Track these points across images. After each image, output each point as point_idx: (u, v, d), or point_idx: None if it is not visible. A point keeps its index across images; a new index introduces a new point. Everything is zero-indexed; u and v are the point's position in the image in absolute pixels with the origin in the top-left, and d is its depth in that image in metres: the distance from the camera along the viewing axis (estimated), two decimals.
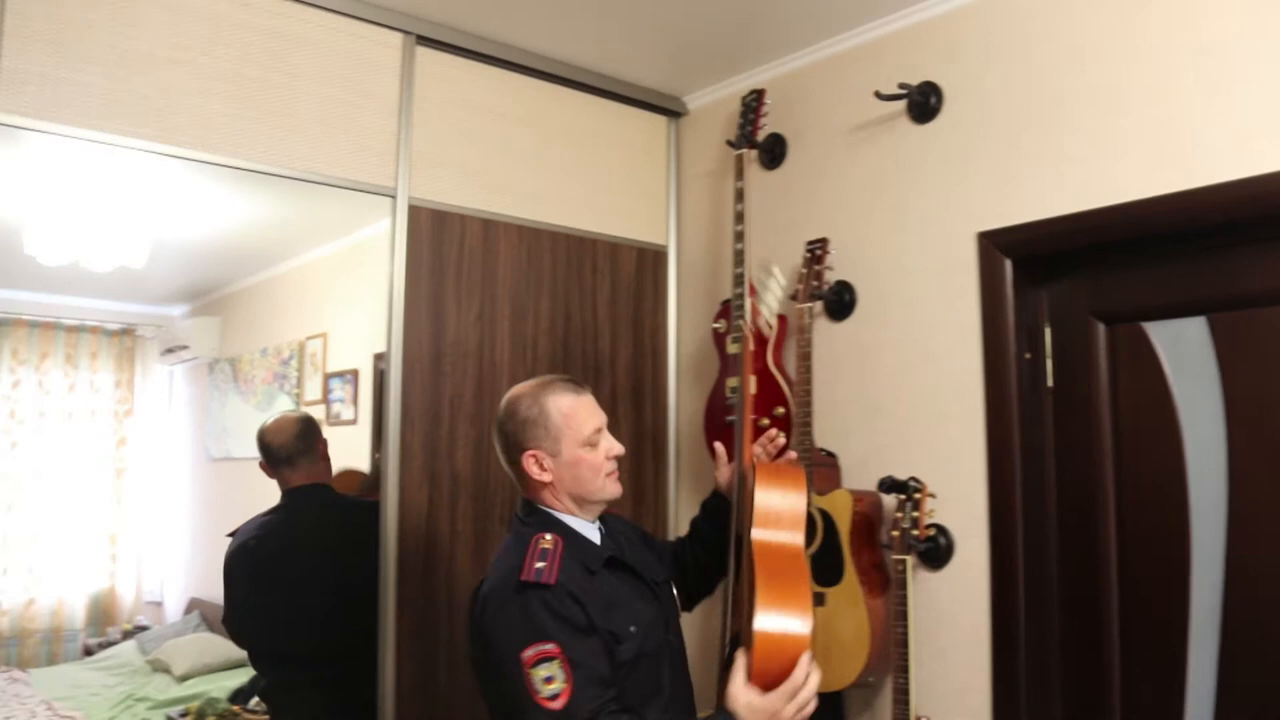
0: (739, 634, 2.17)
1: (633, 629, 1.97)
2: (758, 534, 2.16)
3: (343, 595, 3.01)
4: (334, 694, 2.99)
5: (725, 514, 2.44)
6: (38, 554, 5.62)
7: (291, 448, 3.07)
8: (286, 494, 3.09)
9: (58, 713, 4.54)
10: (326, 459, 3.19)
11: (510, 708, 1.90)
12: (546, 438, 2.04)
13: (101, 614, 5.74)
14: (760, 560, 2.09)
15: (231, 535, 3.10)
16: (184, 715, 4.23)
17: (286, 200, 3.49)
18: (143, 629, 4.77)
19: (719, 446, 2.55)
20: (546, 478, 2.06)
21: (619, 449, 2.10)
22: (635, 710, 1.93)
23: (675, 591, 2.28)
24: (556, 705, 1.84)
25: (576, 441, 2.04)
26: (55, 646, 5.68)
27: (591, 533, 2.11)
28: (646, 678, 1.99)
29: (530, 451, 2.05)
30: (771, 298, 2.46)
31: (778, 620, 1.95)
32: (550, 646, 1.87)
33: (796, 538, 2.17)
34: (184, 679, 3.78)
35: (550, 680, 1.86)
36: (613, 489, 2.10)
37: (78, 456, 5.76)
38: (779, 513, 2.18)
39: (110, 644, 4.98)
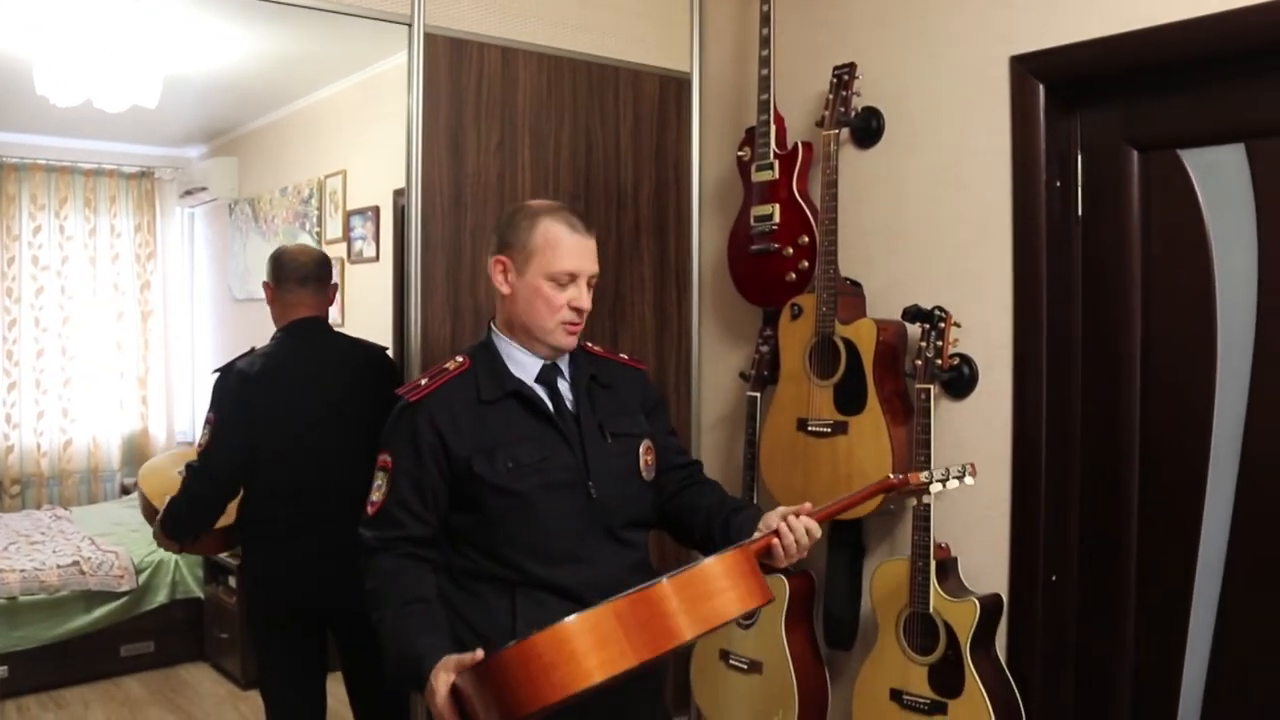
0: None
1: (510, 465, 1.94)
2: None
3: (351, 431, 2.83)
4: (324, 533, 2.78)
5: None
6: (71, 397, 5.74)
7: (312, 269, 2.98)
8: (285, 328, 2.95)
9: (100, 547, 4.69)
10: (331, 302, 3.08)
11: None
12: (520, 252, 2.00)
13: (136, 454, 5.89)
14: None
15: (219, 371, 2.91)
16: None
17: (300, 32, 3.41)
18: None
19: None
20: (505, 290, 2.03)
21: (585, 302, 2.01)
22: (424, 558, 1.93)
23: (646, 458, 2.10)
24: (369, 511, 1.96)
25: (542, 271, 1.98)
26: (94, 486, 5.85)
27: (524, 363, 2.05)
28: (521, 516, 1.95)
29: (501, 257, 2.02)
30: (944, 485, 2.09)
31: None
32: (387, 458, 1.97)
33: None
34: None
35: (379, 488, 1.97)
36: (562, 338, 2.03)
37: (103, 300, 5.83)
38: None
39: None
